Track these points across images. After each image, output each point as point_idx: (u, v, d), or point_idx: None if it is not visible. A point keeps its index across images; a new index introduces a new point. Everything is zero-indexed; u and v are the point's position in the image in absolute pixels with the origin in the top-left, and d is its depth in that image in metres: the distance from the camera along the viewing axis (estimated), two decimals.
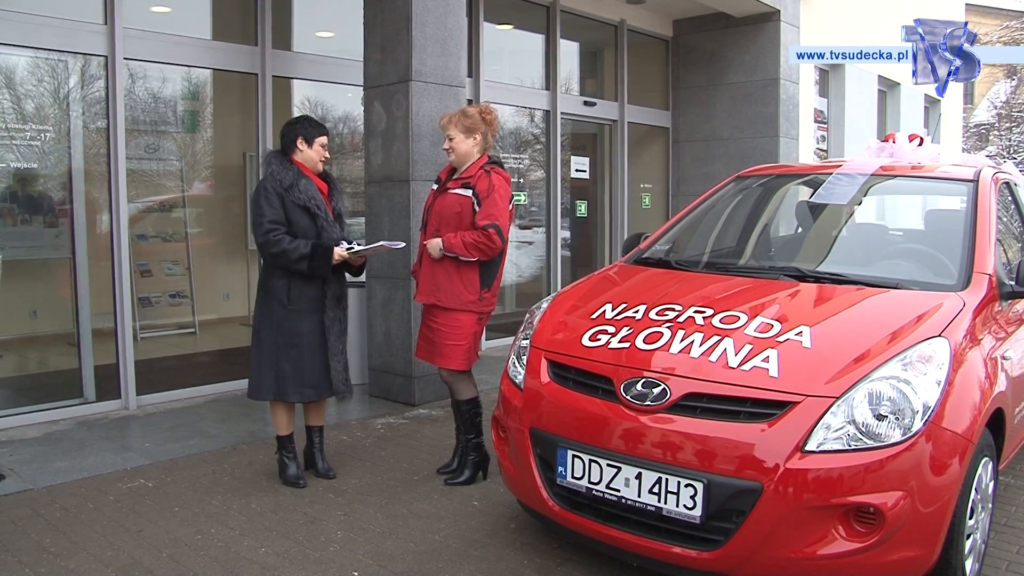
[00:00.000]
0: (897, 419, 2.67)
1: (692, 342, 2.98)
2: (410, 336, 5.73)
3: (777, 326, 2.98)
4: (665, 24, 9.84)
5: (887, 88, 12.71)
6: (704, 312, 3.15)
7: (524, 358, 3.38)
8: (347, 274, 4.27)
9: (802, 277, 3.46)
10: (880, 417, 2.67)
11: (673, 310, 3.21)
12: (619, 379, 2.97)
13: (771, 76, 9.18)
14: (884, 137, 4.51)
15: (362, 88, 6.03)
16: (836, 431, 2.66)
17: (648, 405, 2.86)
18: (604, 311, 3.34)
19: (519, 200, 8.39)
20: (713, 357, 2.89)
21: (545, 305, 3.66)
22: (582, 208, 9.23)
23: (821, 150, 11.10)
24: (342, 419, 5.46)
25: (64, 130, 5.49)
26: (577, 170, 9.09)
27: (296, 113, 6.80)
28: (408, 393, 5.84)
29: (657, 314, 3.20)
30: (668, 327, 3.09)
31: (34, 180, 5.39)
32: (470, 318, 4.13)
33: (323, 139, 4.16)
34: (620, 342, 3.10)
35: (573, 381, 3.12)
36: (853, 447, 2.64)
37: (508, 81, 8.20)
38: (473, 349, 4.20)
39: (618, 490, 2.88)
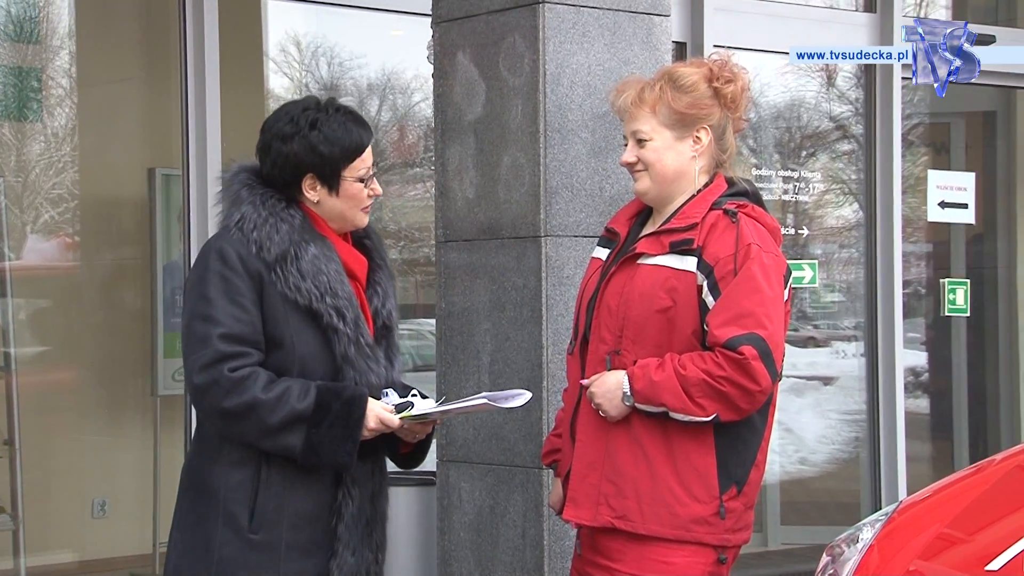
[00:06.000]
0: None
1: None
2: None
3: None
4: None
5: None
6: None
7: None
8: (388, 458, 4.44)
9: None
10: None
11: None
12: None
13: None
14: None
15: (428, 20, 6.27)
16: None
17: None
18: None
19: (800, 280, 8.42)
20: None
21: (870, 535, 3.72)
22: (955, 296, 9.16)
23: None
24: None
25: None
26: (943, 203, 9.06)
27: (272, 78, 7.09)
28: None
29: None
30: None
31: None
32: (698, 560, 4.24)
33: (364, 160, 4.28)
34: None
35: None
36: None
37: None
38: None
39: None
